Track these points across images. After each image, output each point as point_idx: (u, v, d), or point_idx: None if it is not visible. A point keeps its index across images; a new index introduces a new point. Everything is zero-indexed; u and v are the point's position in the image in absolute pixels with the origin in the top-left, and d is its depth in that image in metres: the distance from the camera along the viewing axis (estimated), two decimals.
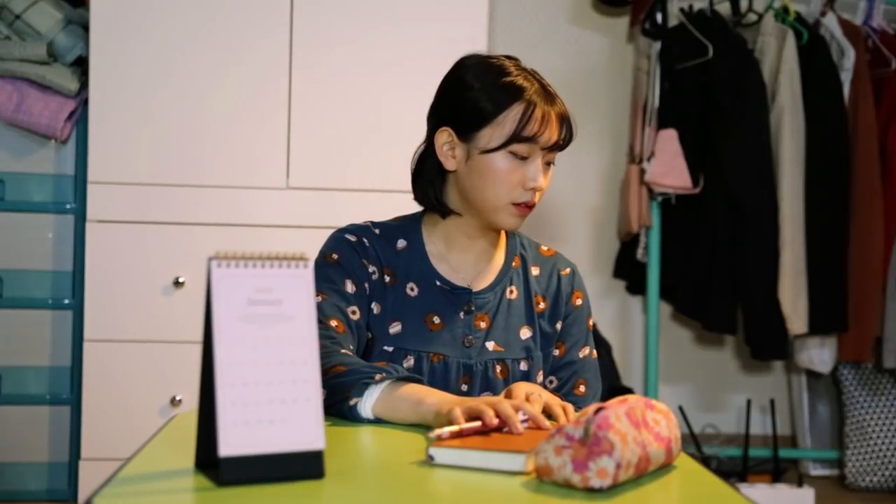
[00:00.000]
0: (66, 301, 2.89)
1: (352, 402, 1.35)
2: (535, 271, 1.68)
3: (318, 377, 1.05)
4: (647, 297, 3.38)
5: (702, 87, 3.24)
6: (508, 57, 1.61)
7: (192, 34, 2.79)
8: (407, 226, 1.65)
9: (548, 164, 1.57)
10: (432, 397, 1.33)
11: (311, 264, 1.07)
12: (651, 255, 3.34)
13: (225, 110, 2.80)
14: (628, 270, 3.51)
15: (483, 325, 1.61)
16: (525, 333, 1.63)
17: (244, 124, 2.80)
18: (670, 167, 3.21)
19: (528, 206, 1.55)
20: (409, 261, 1.61)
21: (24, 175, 2.88)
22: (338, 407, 1.37)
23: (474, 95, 1.53)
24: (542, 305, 1.66)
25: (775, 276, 3.19)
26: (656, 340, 3.39)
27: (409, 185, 1.63)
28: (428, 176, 1.60)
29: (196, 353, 1.27)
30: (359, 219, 1.67)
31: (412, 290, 1.60)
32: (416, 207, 1.68)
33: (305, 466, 1.03)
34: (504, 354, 1.60)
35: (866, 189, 3.26)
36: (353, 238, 1.60)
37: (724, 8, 3.37)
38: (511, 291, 1.64)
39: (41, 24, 2.87)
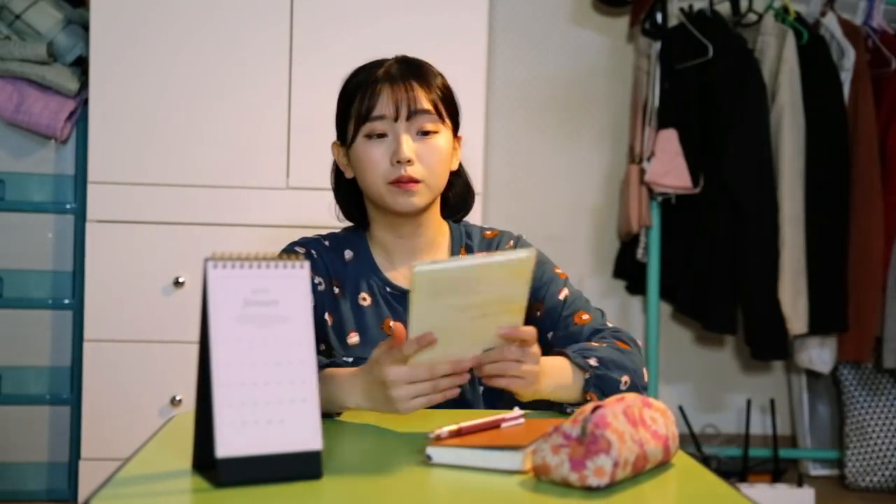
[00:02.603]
0: (66, 301, 2.89)
1: None
2: None
3: (315, 377, 1.05)
4: (647, 297, 3.38)
5: (702, 87, 3.24)
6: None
7: (192, 34, 2.79)
8: (353, 236, 1.65)
9: (425, 133, 1.53)
10: (342, 377, 1.34)
11: (308, 265, 1.07)
12: (651, 255, 3.34)
13: (225, 110, 2.80)
14: (628, 270, 3.51)
15: None
16: None
17: (244, 124, 2.81)
18: (670, 167, 3.21)
19: (408, 181, 1.51)
20: (357, 271, 1.61)
21: (24, 175, 2.89)
22: None
23: (338, 105, 1.59)
24: None
25: (775, 276, 3.19)
26: (656, 340, 3.39)
27: None
28: (343, 191, 1.65)
29: (196, 353, 1.27)
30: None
31: (364, 299, 1.59)
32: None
33: (303, 467, 1.03)
34: None
35: (866, 189, 3.26)
36: (300, 250, 1.61)
37: (724, 8, 3.37)
38: None
39: (41, 24, 2.87)
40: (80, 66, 2.91)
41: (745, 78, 3.22)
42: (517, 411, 1.27)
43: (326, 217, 2.80)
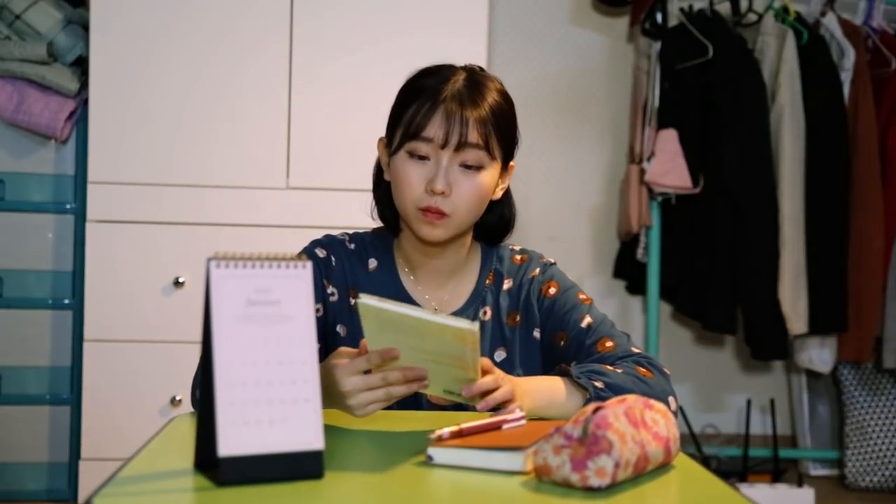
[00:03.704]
0: (66, 301, 2.89)
1: None
2: (507, 284, 1.59)
3: (318, 377, 1.05)
4: (647, 297, 3.38)
5: (702, 87, 3.24)
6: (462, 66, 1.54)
7: (192, 34, 2.79)
8: (380, 243, 1.60)
9: (467, 167, 1.47)
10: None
11: (310, 265, 1.07)
12: (651, 255, 3.34)
13: (225, 110, 2.80)
14: (628, 270, 3.51)
15: None
16: (499, 356, 1.56)
17: (244, 124, 2.81)
18: (670, 167, 3.22)
19: (436, 212, 1.46)
20: (380, 283, 1.55)
21: (24, 175, 2.89)
22: None
23: (394, 102, 1.54)
24: (517, 319, 1.58)
25: (775, 276, 3.19)
26: (656, 340, 3.39)
27: None
28: (383, 190, 1.57)
29: (196, 353, 1.27)
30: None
31: None
32: None
33: (305, 466, 1.03)
34: None
35: (866, 189, 3.26)
36: (321, 254, 1.56)
37: (724, 8, 3.38)
38: (485, 313, 1.57)
39: (41, 24, 2.87)
40: (80, 66, 2.91)
41: (744, 78, 3.22)
42: (518, 412, 1.27)
43: (326, 217, 2.81)
